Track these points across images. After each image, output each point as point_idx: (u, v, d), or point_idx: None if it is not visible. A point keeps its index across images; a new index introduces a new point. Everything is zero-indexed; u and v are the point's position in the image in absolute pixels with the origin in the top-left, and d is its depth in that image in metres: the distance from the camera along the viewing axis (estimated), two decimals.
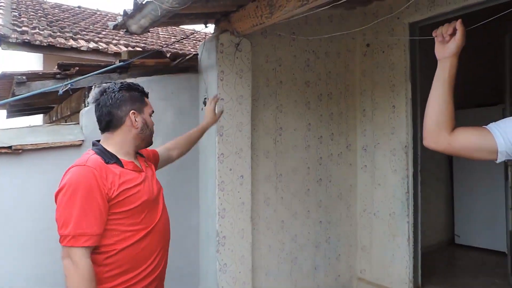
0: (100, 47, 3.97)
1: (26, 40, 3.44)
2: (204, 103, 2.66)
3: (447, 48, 1.25)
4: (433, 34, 1.30)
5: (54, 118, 3.59)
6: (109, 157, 1.42)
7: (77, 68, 2.28)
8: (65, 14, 5.69)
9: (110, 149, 1.46)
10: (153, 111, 1.61)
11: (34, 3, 5.80)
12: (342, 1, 1.93)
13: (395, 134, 3.28)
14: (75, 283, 1.27)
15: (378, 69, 3.42)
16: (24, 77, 2.16)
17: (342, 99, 3.44)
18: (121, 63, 2.38)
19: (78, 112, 2.52)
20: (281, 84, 3.02)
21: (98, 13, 6.91)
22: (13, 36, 3.37)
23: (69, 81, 2.22)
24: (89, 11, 6.72)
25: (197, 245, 2.82)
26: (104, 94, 1.51)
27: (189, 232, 2.79)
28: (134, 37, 5.09)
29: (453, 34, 1.25)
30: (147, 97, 1.62)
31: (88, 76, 2.27)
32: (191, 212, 2.78)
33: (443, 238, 4.72)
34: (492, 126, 1.21)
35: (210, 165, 2.60)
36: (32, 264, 2.18)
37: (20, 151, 2.12)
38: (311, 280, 3.22)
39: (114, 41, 4.43)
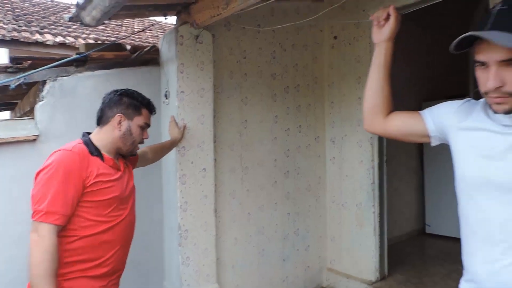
0: (67, 41, 3.89)
1: None
2: (165, 96, 2.65)
3: (382, 33, 1.28)
4: (370, 18, 1.32)
5: (18, 114, 3.52)
6: (93, 150, 1.53)
7: (30, 61, 2.23)
8: (35, 8, 5.57)
9: (96, 142, 1.57)
10: (147, 124, 1.69)
11: None
12: None
13: (361, 126, 3.31)
14: (39, 255, 1.32)
15: (345, 61, 3.44)
16: None
17: (310, 91, 3.45)
18: (77, 55, 2.33)
19: None
20: (246, 76, 3.01)
21: (73, 7, 6.77)
22: None
23: (21, 75, 2.17)
24: (62, 5, 6.58)
25: (162, 239, 2.82)
26: (109, 94, 1.68)
27: (153, 226, 2.78)
28: (105, 31, 5.02)
29: (387, 19, 1.27)
30: (151, 112, 1.73)
31: (42, 70, 2.23)
32: (155, 205, 2.77)
33: (414, 227, 4.81)
34: (425, 111, 1.24)
35: (171, 158, 2.58)
36: None
37: None
38: (280, 271, 3.24)
39: (84, 35, 4.35)
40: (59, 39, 3.93)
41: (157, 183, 2.79)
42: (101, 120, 1.64)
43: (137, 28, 6.11)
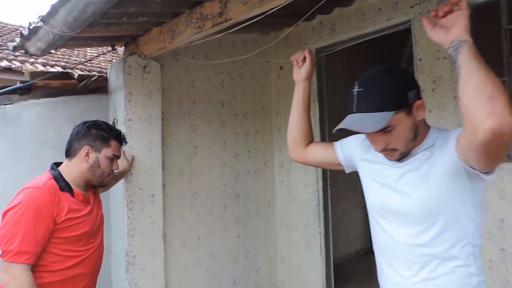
0: (13, 66, 3.83)
1: None
2: (114, 124, 2.69)
3: (300, 72, 1.43)
4: (291, 59, 1.48)
5: None
6: (63, 186, 1.53)
7: None
8: None
9: (66, 176, 1.57)
10: (115, 156, 1.69)
11: None
12: (234, 29, 2.10)
13: None
14: None
15: (291, 90, 3.56)
16: None
17: (258, 118, 3.62)
18: (21, 84, 2.34)
19: None
20: (195, 104, 3.13)
21: (21, 29, 6.61)
22: None
23: None
24: (9, 27, 6.41)
25: (109, 265, 2.79)
26: (78, 126, 1.68)
27: None
28: (55, 55, 4.95)
29: (305, 60, 1.43)
30: (120, 143, 1.73)
31: None
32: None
33: (361, 246, 5.03)
34: (338, 143, 1.40)
35: (119, 185, 2.61)
36: None
37: None
38: None
39: (31, 60, 4.28)
40: (4, 63, 3.85)
41: (105, 209, 2.78)
42: (69, 152, 1.63)
43: (89, 52, 6.06)
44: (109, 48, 2.83)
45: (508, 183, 2.32)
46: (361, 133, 1.13)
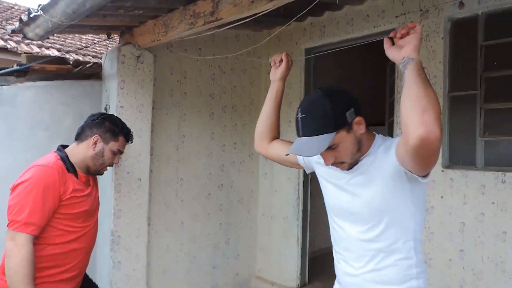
0: (9, 46, 3.89)
1: None
2: (105, 110, 2.80)
3: (276, 73, 1.54)
4: (269, 60, 1.59)
5: None
6: (69, 167, 1.66)
7: None
8: None
9: (71, 158, 1.69)
10: (119, 151, 1.80)
11: None
12: (225, 28, 2.22)
13: None
14: (17, 263, 1.44)
15: None
16: None
17: (247, 111, 3.76)
18: (18, 67, 2.44)
19: None
20: (185, 95, 3.25)
21: (16, 7, 6.61)
22: None
23: None
24: (5, 4, 6.41)
25: (95, 244, 2.92)
26: (94, 115, 1.81)
27: None
28: (50, 38, 5.01)
29: (281, 62, 1.55)
30: (127, 140, 1.84)
31: None
32: None
33: None
34: None
35: (109, 168, 2.73)
36: None
37: None
38: (210, 278, 3.46)
39: (27, 41, 4.34)
40: (0, 43, 3.91)
41: None
42: (79, 136, 1.76)
43: (84, 37, 6.10)
44: (105, 36, 2.93)
45: (471, 190, 2.50)
46: (308, 156, 1.24)
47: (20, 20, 2.19)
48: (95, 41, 3.87)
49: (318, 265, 4.00)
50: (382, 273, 1.23)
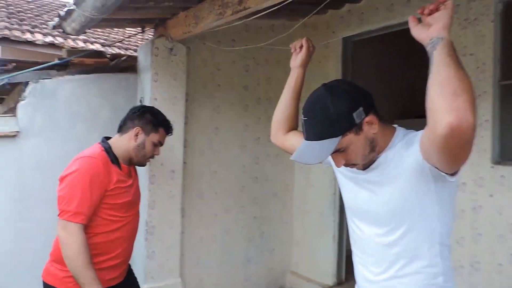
0: (57, 42, 4.09)
1: None
2: (140, 102, 2.85)
3: (296, 60, 1.44)
4: (290, 46, 1.51)
5: (4, 109, 3.70)
6: (113, 159, 1.71)
7: (14, 64, 2.43)
8: (29, 5, 5.76)
9: (114, 150, 1.74)
10: (160, 142, 1.84)
11: None
12: (253, 17, 2.16)
13: None
14: (74, 249, 1.52)
15: (314, 77, 3.62)
16: None
17: None
18: (58, 61, 2.54)
19: None
20: (219, 87, 3.24)
21: (68, 6, 6.93)
22: None
23: (5, 76, 2.37)
24: (57, 3, 6.76)
25: None
26: (136, 107, 1.87)
27: None
28: (95, 33, 5.22)
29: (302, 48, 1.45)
30: (167, 132, 1.88)
31: (25, 72, 2.43)
32: None
33: None
34: None
35: None
36: None
37: None
38: (243, 271, 3.45)
39: (73, 36, 4.54)
40: (48, 39, 4.12)
41: None
42: (122, 128, 1.81)
43: (128, 31, 6.28)
44: (135, 32, 2.97)
45: None
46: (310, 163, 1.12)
47: (58, 15, 2.26)
48: (131, 35, 3.96)
49: None
50: (403, 281, 1.11)
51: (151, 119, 1.81)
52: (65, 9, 2.04)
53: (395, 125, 1.17)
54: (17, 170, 2.49)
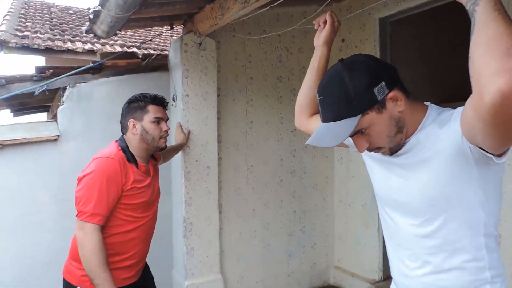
0: (95, 48, 4.23)
1: (25, 45, 3.74)
2: (173, 99, 2.86)
3: (320, 36, 1.31)
4: (313, 22, 1.38)
5: (50, 116, 3.90)
6: (130, 157, 1.71)
7: (51, 70, 2.52)
8: (71, 16, 6.03)
9: (131, 149, 1.74)
10: (158, 118, 1.78)
11: (43, 7, 6.16)
12: (279, 2, 2.07)
13: None
14: (90, 250, 1.53)
15: None
16: (3, 80, 2.43)
17: None
18: (92, 64, 2.60)
19: None
20: (251, 80, 3.17)
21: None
22: (13, 41, 3.67)
23: (43, 83, 2.46)
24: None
25: (170, 230, 3.05)
26: (122, 108, 1.83)
27: (163, 220, 2.95)
28: (132, 37, 5.35)
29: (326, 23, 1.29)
30: (158, 104, 1.81)
31: (62, 77, 2.51)
32: (164, 200, 2.96)
33: None
34: None
35: (178, 157, 2.79)
36: (14, 243, 2.47)
37: (0, 146, 2.40)
38: (285, 266, 3.38)
39: (111, 42, 4.69)
40: (88, 46, 4.27)
41: (167, 179, 3.02)
42: (122, 129, 1.82)
43: (164, 32, 6.40)
44: (161, 31, 2.98)
45: None
46: (327, 146, 1.02)
47: (89, 18, 2.30)
48: (158, 33, 4.00)
49: None
50: (444, 277, 0.98)
51: (135, 105, 1.78)
52: (91, 10, 2.06)
53: (427, 103, 1.03)
54: (60, 172, 2.60)
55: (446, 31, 4.52)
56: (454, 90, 4.71)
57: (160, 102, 1.83)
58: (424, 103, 1.03)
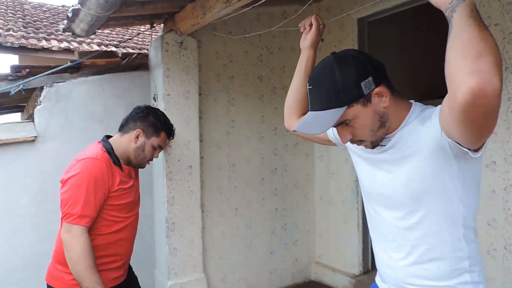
0: (72, 47, 4.13)
1: None
2: (154, 99, 2.84)
3: (306, 39, 1.36)
4: (299, 25, 1.42)
5: (25, 116, 3.79)
6: (115, 160, 1.69)
7: (28, 69, 2.46)
8: (45, 14, 5.86)
9: (116, 149, 1.72)
10: (160, 147, 1.81)
11: (15, 3, 5.97)
12: (261, 2, 2.09)
13: None
14: (78, 253, 1.50)
15: None
16: None
17: None
18: (70, 63, 2.55)
19: None
20: (232, 79, 3.19)
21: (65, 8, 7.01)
22: None
23: (20, 82, 2.40)
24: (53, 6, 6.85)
25: (153, 231, 3.03)
26: (139, 107, 1.83)
27: (145, 220, 2.96)
28: (109, 35, 5.26)
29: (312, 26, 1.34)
30: (169, 137, 1.86)
31: (39, 77, 2.45)
32: (146, 200, 2.96)
33: None
34: None
35: (160, 157, 2.77)
36: None
37: None
38: (268, 264, 3.41)
39: (88, 40, 4.59)
40: (64, 45, 4.16)
41: (148, 179, 3.00)
42: (123, 128, 1.79)
43: (142, 30, 6.31)
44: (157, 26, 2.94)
45: None
46: (312, 134, 1.08)
47: (67, 17, 2.26)
48: (140, 32, 3.96)
49: None
50: (426, 266, 1.04)
51: (154, 122, 1.77)
52: (71, 9, 2.03)
53: (412, 101, 1.08)
54: (38, 174, 2.54)
55: (425, 30, 4.66)
56: (432, 88, 4.88)
57: (172, 135, 1.88)
58: (409, 101, 1.08)
